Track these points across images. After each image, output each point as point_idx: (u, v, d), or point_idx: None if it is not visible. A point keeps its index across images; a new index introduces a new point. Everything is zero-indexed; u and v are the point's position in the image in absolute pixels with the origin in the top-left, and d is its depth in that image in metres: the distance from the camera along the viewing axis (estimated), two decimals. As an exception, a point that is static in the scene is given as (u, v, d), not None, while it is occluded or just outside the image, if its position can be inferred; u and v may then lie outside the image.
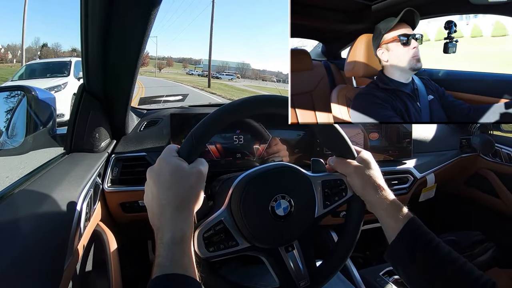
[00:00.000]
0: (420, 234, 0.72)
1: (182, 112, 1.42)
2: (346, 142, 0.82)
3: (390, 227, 0.75)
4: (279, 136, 1.31)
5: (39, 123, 1.04)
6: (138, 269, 1.39)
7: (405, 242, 0.72)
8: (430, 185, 1.52)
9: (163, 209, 0.62)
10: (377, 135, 1.43)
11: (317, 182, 0.82)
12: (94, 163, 1.05)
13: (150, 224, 0.65)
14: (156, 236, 0.61)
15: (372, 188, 0.78)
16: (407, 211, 0.76)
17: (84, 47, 0.95)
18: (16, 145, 1.00)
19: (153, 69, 64.60)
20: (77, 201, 0.83)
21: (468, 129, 1.72)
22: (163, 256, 0.58)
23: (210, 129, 0.73)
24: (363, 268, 1.39)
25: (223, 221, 0.76)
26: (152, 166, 0.67)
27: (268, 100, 0.77)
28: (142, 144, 1.27)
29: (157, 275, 0.55)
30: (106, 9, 0.83)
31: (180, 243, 0.60)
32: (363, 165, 0.81)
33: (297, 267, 0.81)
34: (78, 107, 1.06)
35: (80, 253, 0.84)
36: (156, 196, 0.64)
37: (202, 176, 0.68)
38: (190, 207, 0.65)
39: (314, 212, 0.81)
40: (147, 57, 76.94)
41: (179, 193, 0.63)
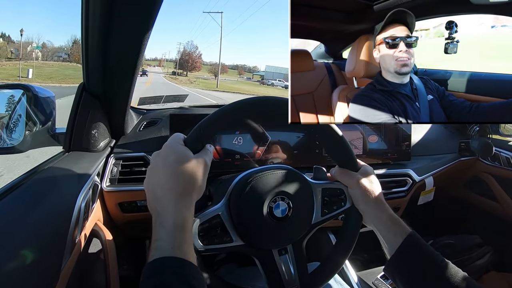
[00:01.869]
0: (419, 248, 0.73)
1: (182, 113, 1.42)
2: (350, 154, 0.82)
3: (389, 241, 0.76)
4: (278, 138, 1.31)
5: (39, 121, 1.03)
6: (135, 269, 1.39)
7: (405, 256, 0.73)
8: (428, 188, 1.52)
9: (166, 194, 0.62)
10: (376, 138, 1.43)
11: (317, 189, 0.83)
12: (93, 162, 1.05)
13: (148, 225, 0.64)
14: (155, 220, 0.61)
15: (372, 202, 0.79)
16: (406, 226, 0.77)
17: (84, 46, 0.95)
18: (15, 143, 1.00)
19: (207, 75, 61.38)
20: (76, 200, 0.83)
21: (467, 132, 1.72)
22: (164, 240, 0.58)
23: (218, 122, 0.74)
24: (361, 270, 1.39)
25: (220, 216, 0.76)
26: (158, 151, 0.68)
27: (278, 102, 0.77)
28: (141, 144, 1.27)
29: (156, 257, 0.56)
30: (107, 8, 0.83)
31: (182, 228, 0.60)
32: (365, 178, 0.81)
33: (288, 272, 0.81)
34: (77, 106, 1.06)
35: (78, 253, 0.84)
36: (160, 181, 0.64)
37: (206, 166, 0.69)
38: (192, 196, 0.65)
39: (311, 218, 0.82)
40: (198, 60, 76.05)
41: (183, 181, 0.64)
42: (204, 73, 68.29)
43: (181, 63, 75.86)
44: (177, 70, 73.25)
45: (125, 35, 0.92)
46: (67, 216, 0.79)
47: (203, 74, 66.82)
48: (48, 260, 0.69)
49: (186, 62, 74.63)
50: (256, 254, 0.81)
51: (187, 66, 73.89)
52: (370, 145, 1.42)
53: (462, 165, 1.65)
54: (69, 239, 0.77)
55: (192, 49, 77.41)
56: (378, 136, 1.43)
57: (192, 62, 74.51)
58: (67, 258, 0.75)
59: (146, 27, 0.90)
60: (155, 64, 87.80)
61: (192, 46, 78.19)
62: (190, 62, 74.25)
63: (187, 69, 73.72)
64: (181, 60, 76.05)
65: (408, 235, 0.73)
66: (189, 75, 66.95)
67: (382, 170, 1.40)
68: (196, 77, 56.57)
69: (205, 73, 67.86)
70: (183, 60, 75.67)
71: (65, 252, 0.74)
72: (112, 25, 0.87)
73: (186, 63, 74.56)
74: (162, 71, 78.78)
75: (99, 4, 0.81)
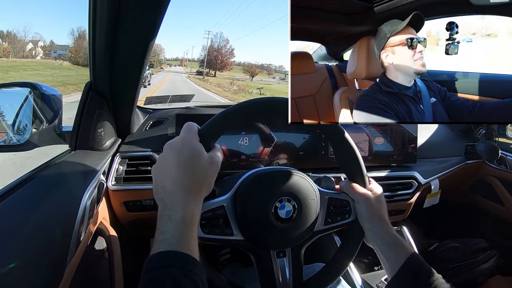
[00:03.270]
0: (421, 269, 0.72)
1: (188, 113, 1.42)
2: (361, 169, 0.82)
3: (390, 262, 0.76)
4: (284, 139, 1.31)
5: (45, 119, 1.04)
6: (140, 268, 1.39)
7: (406, 277, 0.72)
8: (434, 191, 1.51)
9: (176, 188, 0.62)
10: (382, 140, 1.42)
11: (324, 197, 0.83)
12: (99, 161, 1.05)
13: (153, 224, 0.64)
14: (162, 212, 0.61)
15: (377, 220, 0.79)
16: (408, 247, 0.76)
17: (91, 46, 0.95)
18: (22, 141, 1.01)
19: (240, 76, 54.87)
20: (81, 198, 0.83)
21: (473, 135, 1.72)
22: (171, 234, 0.58)
23: (234, 116, 0.74)
24: (365, 273, 1.39)
25: (225, 207, 0.77)
26: (172, 142, 0.67)
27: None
28: (147, 143, 1.27)
29: (161, 250, 0.56)
30: (114, 8, 0.83)
31: (190, 224, 0.60)
32: (373, 196, 0.81)
33: (283, 275, 0.81)
34: (84, 105, 1.07)
35: (83, 250, 0.84)
36: (171, 173, 0.63)
37: (218, 167, 0.69)
38: (201, 193, 0.66)
39: (314, 225, 0.82)
40: (230, 56, 63.56)
41: (195, 178, 0.64)
42: (236, 72, 59.94)
43: (208, 60, 63.18)
44: (204, 70, 60.90)
45: (132, 34, 0.92)
46: (73, 214, 0.79)
47: (234, 74, 58.27)
48: (53, 257, 0.69)
49: (215, 59, 62.82)
50: (254, 252, 0.81)
51: (216, 64, 62.38)
52: (376, 147, 1.41)
53: (468, 168, 1.64)
54: (74, 237, 0.77)
55: (222, 42, 64.57)
56: (384, 138, 1.42)
57: (221, 59, 62.76)
58: (72, 255, 0.75)
59: (154, 27, 0.90)
60: (176, 64, 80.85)
61: (222, 39, 65.17)
62: (220, 59, 62.57)
63: (215, 67, 62.32)
64: (208, 57, 63.25)
65: (409, 256, 0.73)
66: (217, 75, 58.38)
67: (388, 172, 1.40)
68: (230, 78, 49.73)
69: (237, 72, 59.90)
70: (211, 56, 63.39)
71: (70, 249, 0.74)
72: (119, 25, 0.88)
73: (216, 60, 62.80)
74: (185, 70, 68.77)
75: (106, 4, 0.82)
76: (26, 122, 1.03)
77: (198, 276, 0.55)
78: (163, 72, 55.98)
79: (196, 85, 36.48)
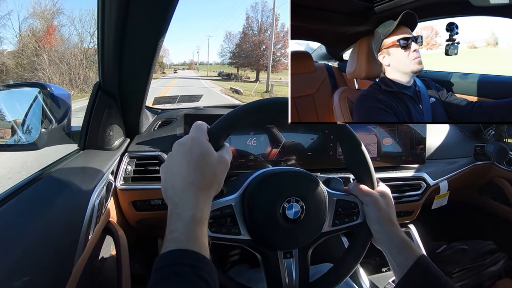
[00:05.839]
0: (429, 273, 0.72)
1: (196, 113, 1.42)
2: (370, 171, 0.82)
3: (399, 264, 0.75)
4: (292, 139, 1.30)
5: (54, 119, 1.05)
6: (147, 267, 1.40)
7: (414, 280, 0.72)
8: (443, 193, 1.50)
9: (186, 187, 0.62)
10: (391, 141, 1.41)
11: (332, 199, 0.83)
12: (107, 160, 1.06)
13: (160, 223, 0.65)
14: (172, 211, 0.61)
15: (385, 223, 0.79)
16: (416, 249, 0.76)
17: (100, 46, 0.96)
18: (31, 140, 1.02)
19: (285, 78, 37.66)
20: (90, 197, 0.84)
21: (482, 136, 1.70)
22: (181, 232, 0.58)
23: (244, 116, 0.73)
24: (372, 274, 1.38)
25: (233, 207, 0.77)
26: (182, 140, 0.67)
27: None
28: (155, 143, 1.28)
29: (171, 248, 0.55)
30: (122, 8, 0.83)
31: (200, 223, 0.60)
32: (382, 199, 0.81)
33: (290, 276, 0.81)
34: (93, 105, 1.08)
35: (91, 249, 0.84)
36: (181, 172, 0.63)
37: (227, 166, 0.69)
38: (211, 192, 0.66)
39: (322, 226, 0.82)
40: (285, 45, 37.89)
41: (205, 177, 0.64)
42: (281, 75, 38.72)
43: (238, 54, 42.21)
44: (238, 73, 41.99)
45: (140, 33, 0.92)
46: (81, 213, 0.79)
47: (279, 76, 37.90)
48: (61, 255, 0.69)
49: (251, 52, 40.00)
50: (261, 252, 0.81)
51: (251, 62, 40.10)
52: (384, 147, 1.41)
53: (477, 170, 1.62)
54: (82, 235, 0.77)
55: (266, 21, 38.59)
56: (392, 139, 1.41)
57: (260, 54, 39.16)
58: (79, 254, 0.75)
59: (162, 27, 0.90)
60: (184, 68, 76.29)
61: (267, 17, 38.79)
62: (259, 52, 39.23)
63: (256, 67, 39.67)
64: (237, 52, 42.39)
65: (417, 259, 0.73)
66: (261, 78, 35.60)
67: (396, 173, 1.39)
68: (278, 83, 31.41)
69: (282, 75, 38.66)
70: (241, 50, 41.50)
71: (78, 248, 0.75)
72: (128, 25, 0.88)
73: (252, 53, 40.08)
74: (197, 74, 55.96)
75: (115, 5, 0.82)
76: (36, 122, 1.04)
77: (208, 274, 0.55)
78: (163, 79, 44.44)
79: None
